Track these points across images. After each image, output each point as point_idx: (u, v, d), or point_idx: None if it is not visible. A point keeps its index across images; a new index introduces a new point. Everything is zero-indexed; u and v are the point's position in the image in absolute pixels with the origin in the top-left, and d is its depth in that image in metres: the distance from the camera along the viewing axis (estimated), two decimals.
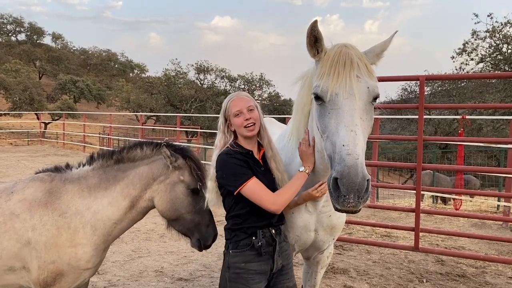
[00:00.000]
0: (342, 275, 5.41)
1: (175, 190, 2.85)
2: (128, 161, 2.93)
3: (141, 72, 75.82)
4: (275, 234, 2.57)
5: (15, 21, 70.14)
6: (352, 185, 1.87)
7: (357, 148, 1.93)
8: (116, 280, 5.06)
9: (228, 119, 2.59)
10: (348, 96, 2.07)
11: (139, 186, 2.86)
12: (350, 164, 1.88)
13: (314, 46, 2.27)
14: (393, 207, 7.49)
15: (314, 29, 2.21)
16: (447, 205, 12.37)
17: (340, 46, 2.21)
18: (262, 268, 2.53)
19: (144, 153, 2.94)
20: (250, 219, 2.51)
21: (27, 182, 2.87)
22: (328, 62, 2.16)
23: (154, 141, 3.02)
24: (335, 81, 2.09)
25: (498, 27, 23.58)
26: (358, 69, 2.13)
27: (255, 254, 2.51)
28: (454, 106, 17.59)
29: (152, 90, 41.13)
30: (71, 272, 2.71)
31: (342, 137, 1.97)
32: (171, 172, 2.86)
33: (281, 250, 2.60)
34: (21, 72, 40.67)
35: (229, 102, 2.59)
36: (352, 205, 1.89)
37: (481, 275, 5.52)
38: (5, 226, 2.67)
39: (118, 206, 2.83)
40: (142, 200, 2.88)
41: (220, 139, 2.62)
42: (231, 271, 2.52)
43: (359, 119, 2.04)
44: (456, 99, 26.79)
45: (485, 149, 16.27)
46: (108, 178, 2.88)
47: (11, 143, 26.40)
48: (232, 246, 2.55)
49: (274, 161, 2.62)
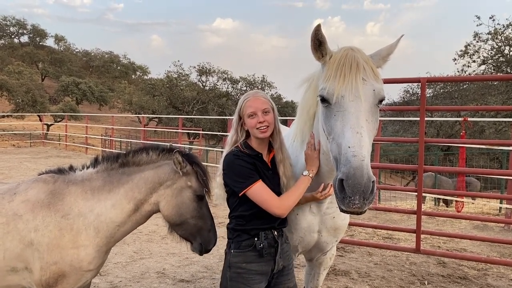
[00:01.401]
0: (344, 277, 5.41)
1: (182, 196, 2.86)
2: (133, 165, 2.94)
3: (143, 74, 75.86)
4: (277, 236, 2.59)
5: (18, 23, 70.34)
6: (358, 186, 1.88)
7: (363, 149, 1.95)
8: (118, 281, 5.07)
9: (242, 118, 2.59)
10: (354, 99, 2.08)
11: (144, 190, 2.87)
12: (355, 166, 1.90)
13: (318, 49, 2.29)
14: (394, 209, 7.48)
15: (318, 33, 2.23)
16: (449, 207, 12.36)
17: (347, 49, 2.23)
18: (263, 269, 2.55)
19: (150, 157, 2.94)
20: (253, 221, 2.53)
21: (30, 183, 2.88)
22: (335, 64, 2.18)
23: (160, 146, 3.03)
24: (341, 84, 2.11)
25: (500, 29, 23.54)
26: (364, 72, 2.14)
27: (257, 255, 2.53)
28: (456, 108, 17.64)
29: (154, 92, 41.15)
30: (73, 273, 2.72)
31: (347, 139, 1.99)
32: (179, 178, 2.87)
33: (282, 251, 2.61)
34: (23, 74, 40.75)
35: (245, 101, 2.58)
36: (357, 206, 1.91)
37: (483, 277, 5.52)
38: (8, 227, 2.68)
39: (122, 209, 2.84)
40: (147, 204, 2.89)
41: (232, 136, 2.64)
42: (232, 270, 2.55)
43: (364, 121, 2.06)
44: (458, 101, 26.77)
45: (487, 151, 16.24)
46: (112, 181, 2.88)
47: (14, 145, 26.47)
48: (234, 246, 2.57)
49: (283, 165, 2.61)
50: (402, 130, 30.64)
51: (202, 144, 25.65)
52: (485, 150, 15.43)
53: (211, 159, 18.41)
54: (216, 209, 9.28)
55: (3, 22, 68.85)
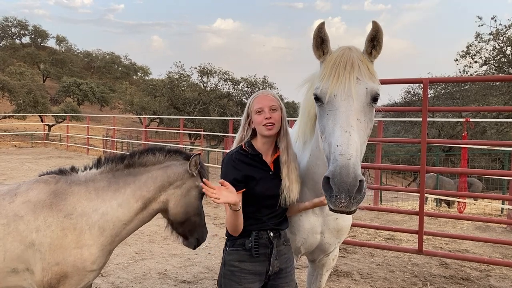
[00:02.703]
0: (346, 278, 5.40)
1: (190, 195, 3.01)
2: (139, 166, 3.02)
3: (145, 75, 75.95)
4: (272, 237, 2.58)
5: (19, 24, 70.53)
6: (343, 184, 1.88)
7: (350, 148, 1.95)
8: (119, 282, 5.06)
9: (250, 115, 2.59)
10: (346, 98, 2.09)
11: (153, 189, 2.96)
12: (341, 164, 1.90)
13: (320, 47, 2.28)
14: (397, 210, 7.47)
15: (321, 31, 2.23)
16: (451, 208, 12.34)
17: (344, 49, 2.22)
18: (257, 269, 2.55)
19: (156, 158, 3.04)
20: (247, 221, 2.52)
21: (31, 184, 2.87)
22: (330, 64, 2.18)
23: (166, 147, 3.15)
24: (334, 83, 2.12)
25: (502, 30, 23.52)
26: (359, 71, 2.14)
27: (249, 254, 2.55)
28: (458, 109, 17.62)
29: (155, 92, 41.16)
30: (76, 273, 2.71)
31: (336, 137, 2.00)
32: (188, 178, 3.01)
33: (279, 253, 2.60)
34: (25, 75, 40.83)
35: (253, 98, 2.60)
36: (344, 205, 1.91)
37: (485, 278, 5.50)
38: (9, 228, 2.67)
39: (130, 207, 2.89)
40: (156, 202, 2.99)
41: (239, 133, 2.68)
42: (226, 268, 2.59)
43: (355, 120, 2.06)
44: (460, 102, 26.74)
45: (489, 152, 16.21)
46: (118, 182, 2.93)
47: (15, 145, 26.51)
48: (229, 244, 2.62)
49: (287, 167, 2.56)
50: (404, 131, 30.60)
51: (203, 144, 25.63)
52: (486, 150, 15.43)
53: (212, 159, 18.43)
54: (217, 210, 9.27)
55: (5, 23, 69.10)
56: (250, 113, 2.59)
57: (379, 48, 2.25)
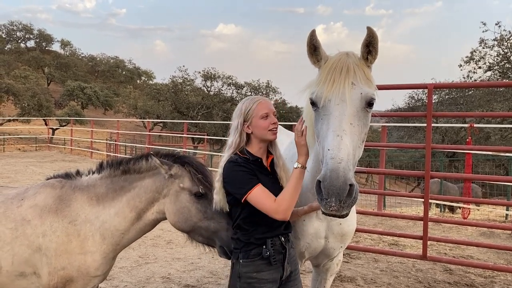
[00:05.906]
0: (350, 283, 5.39)
1: (180, 200, 2.80)
2: (134, 172, 2.93)
3: (148, 79, 76.26)
4: (284, 242, 2.57)
5: (24, 28, 71.12)
6: (333, 188, 1.91)
7: (341, 152, 1.97)
8: (123, 286, 5.07)
9: (249, 120, 2.55)
10: (340, 102, 2.11)
11: (144, 199, 2.86)
12: (331, 168, 1.93)
13: (313, 54, 2.33)
14: (401, 216, 7.46)
15: (312, 38, 2.28)
16: (454, 213, 12.30)
17: (341, 54, 2.25)
18: (273, 276, 2.53)
19: (149, 164, 2.91)
20: (258, 229, 2.50)
21: (38, 188, 2.89)
22: (327, 69, 2.22)
23: (159, 152, 2.98)
24: (329, 88, 2.14)
25: (506, 36, 23.50)
26: (354, 76, 2.16)
27: (266, 263, 2.50)
28: (462, 114, 17.58)
29: (159, 96, 41.31)
30: (81, 278, 2.73)
31: (328, 141, 2.03)
32: (171, 182, 2.83)
33: (289, 257, 2.60)
34: (29, 79, 41.05)
35: (255, 103, 2.56)
36: (334, 209, 1.94)
37: (490, 284, 5.47)
38: (17, 232, 2.69)
39: (125, 217, 2.84)
40: (150, 213, 2.89)
41: (235, 140, 2.56)
42: (243, 281, 2.50)
43: (348, 125, 2.08)
44: (464, 108, 26.69)
45: (493, 157, 16.16)
46: (115, 189, 2.89)
47: (19, 149, 26.64)
48: (243, 256, 2.52)
49: (284, 171, 2.62)
50: (407, 136, 30.58)
51: (206, 149, 25.70)
52: (490, 156, 15.37)
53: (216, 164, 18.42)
54: None
55: (10, 27, 69.61)
56: (250, 118, 2.54)
57: (374, 53, 2.26)
